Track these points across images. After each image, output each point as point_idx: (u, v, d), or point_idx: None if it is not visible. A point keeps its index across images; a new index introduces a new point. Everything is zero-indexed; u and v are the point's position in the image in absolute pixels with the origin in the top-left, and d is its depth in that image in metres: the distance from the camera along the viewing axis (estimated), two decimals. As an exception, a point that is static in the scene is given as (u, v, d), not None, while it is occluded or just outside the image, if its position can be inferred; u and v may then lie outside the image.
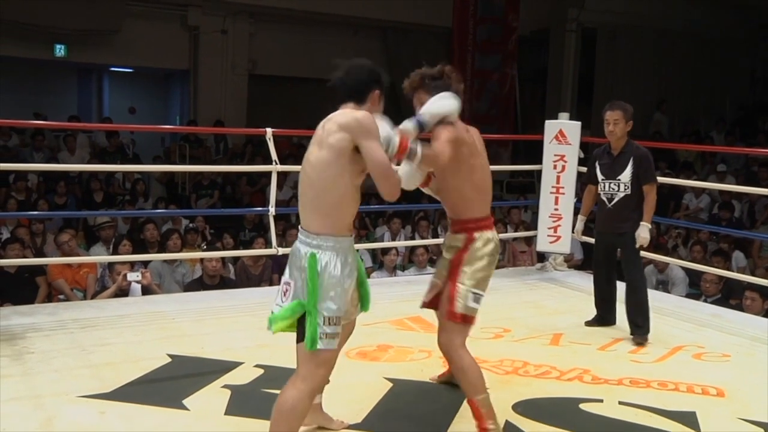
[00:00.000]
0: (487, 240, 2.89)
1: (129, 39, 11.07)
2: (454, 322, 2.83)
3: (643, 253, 4.50)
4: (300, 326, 2.44)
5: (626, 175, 4.20)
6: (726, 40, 13.91)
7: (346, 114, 2.45)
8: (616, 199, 4.26)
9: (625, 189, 4.22)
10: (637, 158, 4.20)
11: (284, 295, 2.48)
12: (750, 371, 3.79)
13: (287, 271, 2.50)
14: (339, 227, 2.44)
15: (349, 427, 2.90)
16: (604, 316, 4.45)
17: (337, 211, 2.43)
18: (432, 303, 3.02)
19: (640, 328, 4.17)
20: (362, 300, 2.66)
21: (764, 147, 10.75)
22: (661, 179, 8.60)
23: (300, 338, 2.45)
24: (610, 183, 4.28)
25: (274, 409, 2.45)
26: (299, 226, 2.50)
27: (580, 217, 4.68)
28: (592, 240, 4.69)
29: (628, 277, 4.28)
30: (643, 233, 4.17)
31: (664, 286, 6.72)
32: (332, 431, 2.87)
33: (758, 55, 14.51)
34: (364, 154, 2.39)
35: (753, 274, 6.83)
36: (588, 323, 4.46)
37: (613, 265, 4.42)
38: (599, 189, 4.35)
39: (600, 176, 4.33)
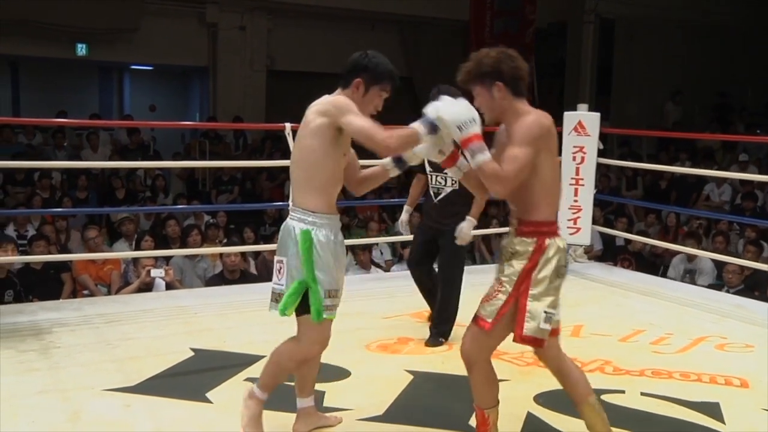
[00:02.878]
0: (557, 249, 2.46)
1: (148, 37, 11.16)
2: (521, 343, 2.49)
3: (662, 244, 4.41)
4: (303, 301, 2.55)
5: None
6: (745, 31, 13.74)
7: (323, 100, 2.62)
8: (442, 194, 3.88)
9: (453, 183, 3.80)
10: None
11: (279, 273, 2.59)
12: (773, 362, 3.76)
13: (279, 249, 2.61)
14: (330, 205, 2.59)
15: (371, 419, 2.92)
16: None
17: (329, 189, 2.58)
18: None
19: (440, 330, 3.86)
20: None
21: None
22: (682, 169, 8.66)
23: (300, 311, 2.58)
24: (437, 176, 3.87)
25: (270, 355, 2.69)
26: (291, 206, 2.60)
27: (406, 207, 4.20)
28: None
29: (445, 280, 3.91)
30: (467, 228, 3.72)
31: (691, 275, 6.67)
32: (330, 427, 2.86)
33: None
34: (346, 129, 2.51)
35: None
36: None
37: (430, 262, 4.05)
38: (430, 180, 3.92)
39: (428, 167, 3.86)
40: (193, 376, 3.36)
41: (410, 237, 4.28)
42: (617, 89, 13.66)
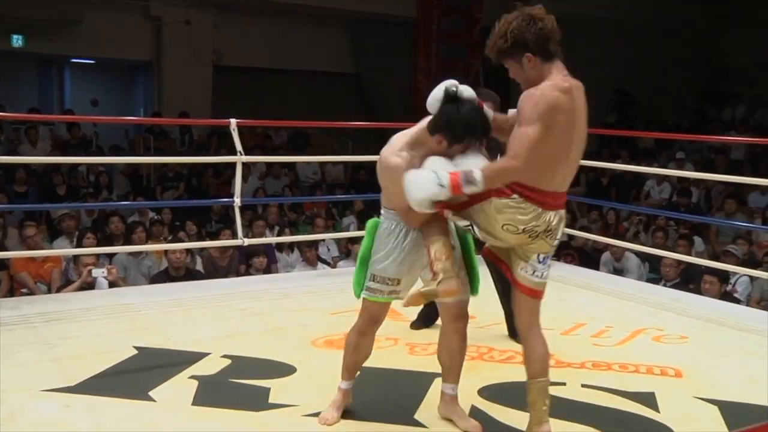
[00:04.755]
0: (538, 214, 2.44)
1: (90, 30, 10.89)
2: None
3: (603, 239, 4.51)
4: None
5: None
6: (684, 31, 14.17)
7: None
8: None
9: None
10: None
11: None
12: (706, 352, 3.90)
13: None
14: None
15: (317, 414, 2.91)
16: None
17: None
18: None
19: None
20: (472, 283, 2.81)
21: (721, 135, 11.00)
22: (622, 166, 8.87)
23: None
24: None
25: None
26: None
27: None
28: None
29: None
30: None
31: (620, 274, 6.87)
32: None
33: (715, 45, 14.81)
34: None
35: (710, 259, 7.00)
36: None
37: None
38: None
39: None
40: (136, 375, 3.32)
41: (359, 233, 4.28)
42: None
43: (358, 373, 2.95)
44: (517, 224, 2.44)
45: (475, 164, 2.44)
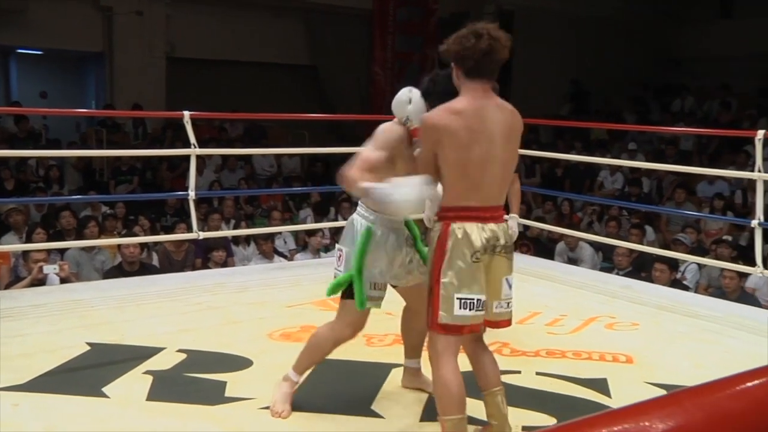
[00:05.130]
0: (464, 233, 2.41)
1: (36, 19, 10.63)
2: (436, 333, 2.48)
3: (558, 229, 4.57)
4: (349, 287, 2.75)
5: None
6: (636, 24, 14.46)
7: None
8: None
9: None
10: None
11: (338, 260, 2.80)
12: (656, 338, 4.00)
13: (342, 239, 2.83)
14: None
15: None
16: None
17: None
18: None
19: None
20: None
21: (671, 126, 11.24)
22: (576, 157, 9.02)
23: (345, 296, 2.77)
24: None
25: (307, 340, 2.91)
26: (359, 202, 2.81)
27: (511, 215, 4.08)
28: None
29: None
30: (514, 226, 3.69)
31: (574, 263, 6.99)
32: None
33: (665, 38, 15.14)
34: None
35: (661, 247, 7.16)
36: None
37: None
38: None
39: None
40: (89, 371, 3.26)
41: (316, 225, 4.28)
42: (516, 79, 14.07)
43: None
44: (475, 248, 2.41)
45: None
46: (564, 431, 1.12)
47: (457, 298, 2.40)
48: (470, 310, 2.43)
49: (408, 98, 2.69)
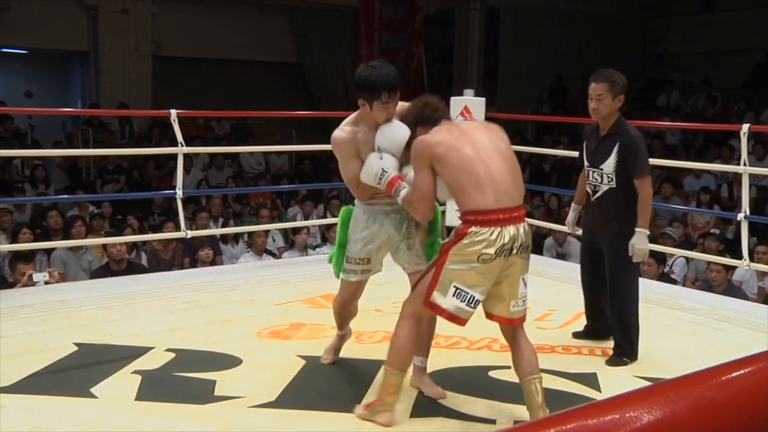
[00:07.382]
0: (481, 236, 2.57)
1: (20, 18, 10.53)
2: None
3: (546, 225, 4.55)
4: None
5: (609, 165, 3.42)
6: (621, 20, 14.53)
7: None
8: (599, 192, 3.51)
9: (609, 181, 3.44)
10: (623, 144, 3.38)
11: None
12: (644, 332, 3.97)
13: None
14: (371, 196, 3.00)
15: (263, 405, 2.91)
16: (594, 327, 3.76)
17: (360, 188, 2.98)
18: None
19: (622, 350, 3.51)
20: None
21: (657, 120, 11.29)
22: (563, 152, 9.03)
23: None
24: (593, 172, 3.52)
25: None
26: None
27: (573, 205, 3.95)
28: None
29: (611, 293, 3.53)
30: (639, 243, 3.40)
31: (563, 258, 7.01)
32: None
33: (650, 33, 15.22)
34: None
35: (649, 241, 7.19)
36: (575, 335, 3.83)
37: (597, 270, 3.61)
38: (587, 176, 3.62)
39: (585, 161, 3.60)
40: (77, 372, 3.24)
41: (305, 223, 4.28)
42: (503, 75, 14.10)
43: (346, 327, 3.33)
44: (485, 249, 2.56)
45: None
46: (551, 423, 1.13)
47: (454, 286, 2.59)
48: (462, 302, 2.61)
49: (380, 168, 2.80)
